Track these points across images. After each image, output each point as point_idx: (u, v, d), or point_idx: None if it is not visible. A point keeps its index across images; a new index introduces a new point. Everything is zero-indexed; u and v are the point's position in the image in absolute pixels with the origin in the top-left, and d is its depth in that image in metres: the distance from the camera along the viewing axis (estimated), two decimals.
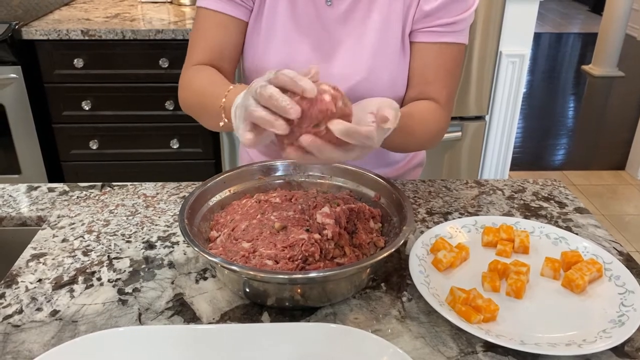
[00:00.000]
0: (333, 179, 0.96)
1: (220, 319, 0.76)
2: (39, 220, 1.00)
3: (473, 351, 0.71)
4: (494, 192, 1.09)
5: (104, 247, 0.91)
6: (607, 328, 0.73)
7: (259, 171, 0.96)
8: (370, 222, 0.88)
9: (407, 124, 0.89)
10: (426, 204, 1.04)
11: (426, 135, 1.00)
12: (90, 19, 2.26)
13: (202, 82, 0.96)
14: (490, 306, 0.75)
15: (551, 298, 0.80)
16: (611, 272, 0.83)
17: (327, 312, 0.77)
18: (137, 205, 1.03)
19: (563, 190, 1.11)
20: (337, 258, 0.81)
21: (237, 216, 0.87)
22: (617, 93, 4.93)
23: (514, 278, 0.80)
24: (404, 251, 0.90)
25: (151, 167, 2.39)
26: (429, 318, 0.76)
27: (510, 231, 0.91)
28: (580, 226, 0.99)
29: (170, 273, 0.85)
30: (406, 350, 0.69)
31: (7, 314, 0.76)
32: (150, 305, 0.78)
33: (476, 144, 2.34)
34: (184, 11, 2.41)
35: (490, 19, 2.12)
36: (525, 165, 3.53)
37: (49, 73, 2.20)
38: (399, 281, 0.84)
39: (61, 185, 1.09)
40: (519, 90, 2.30)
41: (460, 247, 0.87)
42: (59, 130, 2.31)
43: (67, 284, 0.82)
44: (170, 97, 2.24)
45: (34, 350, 0.71)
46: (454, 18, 0.97)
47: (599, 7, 6.31)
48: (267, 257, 0.77)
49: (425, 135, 1.00)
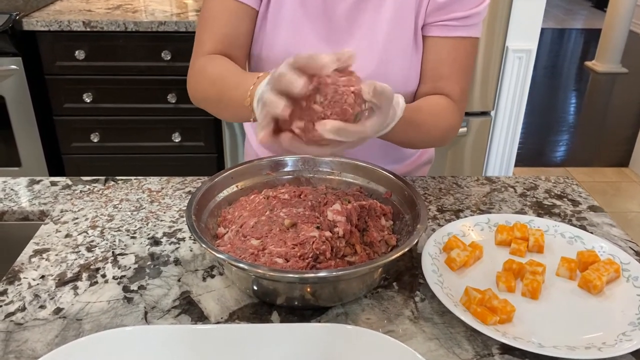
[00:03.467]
0: (343, 175, 0.94)
1: (228, 318, 0.74)
2: (41, 215, 0.97)
3: (489, 353, 0.69)
4: (506, 190, 1.07)
5: (109, 242, 0.89)
6: (627, 331, 0.71)
7: (267, 166, 0.94)
8: (382, 219, 0.86)
9: (414, 117, 0.87)
10: (437, 201, 1.02)
11: (436, 130, 0.97)
12: (91, 10, 2.23)
13: (219, 71, 0.91)
14: (506, 307, 0.73)
15: (568, 299, 0.78)
16: (629, 273, 0.81)
17: (338, 312, 0.75)
18: (142, 200, 1.01)
19: (576, 187, 1.09)
20: (348, 256, 0.79)
21: (246, 212, 0.85)
22: (620, 89, 4.91)
23: (530, 278, 0.78)
24: (416, 249, 0.87)
25: (153, 160, 2.37)
26: (443, 319, 0.74)
27: (525, 230, 0.89)
28: (595, 225, 0.96)
29: (177, 270, 0.83)
30: (420, 352, 0.67)
31: (10, 312, 0.74)
32: (156, 304, 0.76)
33: (481, 139, 2.32)
34: (186, 3, 2.38)
35: (497, 13, 2.09)
36: (528, 161, 3.51)
37: (50, 65, 2.17)
38: (412, 280, 0.82)
39: (64, 179, 1.07)
40: (525, 86, 2.28)
41: (473, 245, 0.85)
42: (60, 122, 2.28)
43: (71, 281, 0.80)
44: (172, 90, 2.21)
45: (37, 349, 0.68)
46: (468, 12, 0.95)
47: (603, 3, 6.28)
48: (277, 255, 0.75)
49: (435, 131, 0.97)
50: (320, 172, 0.95)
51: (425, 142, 1.03)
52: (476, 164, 2.38)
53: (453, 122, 0.99)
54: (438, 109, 0.97)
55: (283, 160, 0.95)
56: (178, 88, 2.20)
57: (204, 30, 0.98)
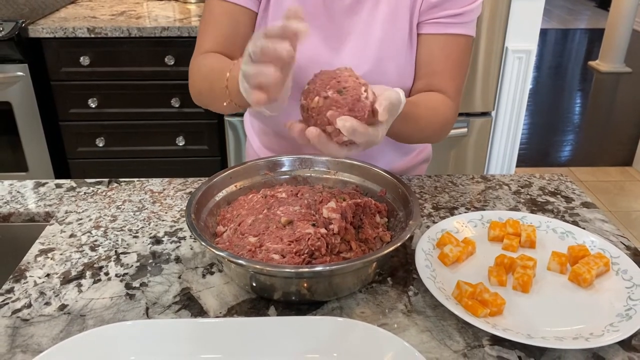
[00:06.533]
0: (339, 174, 0.96)
1: (227, 313, 0.77)
2: (46, 216, 1.00)
3: (479, 345, 0.71)
4: (500, 187, 1.09)
5: (111, 242, 0.92)
6: (615, 322, 0.73)
7: (265, 166, 0.96)
8: (376, 216, 0.88)
9: (412, 111, 0.89)
10: (432, 198, 1.04)
11: (432, 125, 0.99)
12: (96, 16, 2.27)
13: (210, 64, 0.95)
14: (496, 300, 0.75)
15: (558, 292, 0.80)
16: (618, 266, 0.83)
17: (334, 306, 0.78)
18: (144, 200, 1.03)
19: (570, 185, 1.10)
20: (343, 253, 0.81)
21: (244, 211, 0.87)
22: (624, 89, 4.91)
23: (521, 272, 0.80)
24: (410, 246, 0.90)
25: (157, 164, 2.40)
26: (435, 312, 0.76)
27: (517, 226, 0.91)
28: (587, 220, 0.98)
29: (177, 268, 0.85)
30: (413, 343, 0.69)
31: (16, 308, 0.77)
32: (157, 300, 0.79)
33: (482, 140, 2.33)
34: (189, 8, 2.41)
35: (496, 14, 2.11)
36: (531, 161, 3.52)
37: (55, 71, 2.21)
38: (405, 275, 0.84)
39: (68, 182, 1.10)
40: (525, 86, 2.29)
41: (466, 241, 0.87)
42: (65, 127, 2.32)
43: (75, 279, 0.83)
44: (176, 94, 2.25)
45: (42, 343, 0.71)
46: (461, 9, 0.97)
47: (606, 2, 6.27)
48: (273, 252, 0.77)
49: (432, 125, 0.99)
50: (316, 172, 0.97)
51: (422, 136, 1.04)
52: (478, 164, 2.40)
53: (449, 117, 1.01)
54: (435, 104, 0.99)
55: (280, 161, 0.97)
56: (181, 92, 2.23)
57: (204, 32, 1.01)
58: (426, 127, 0.98)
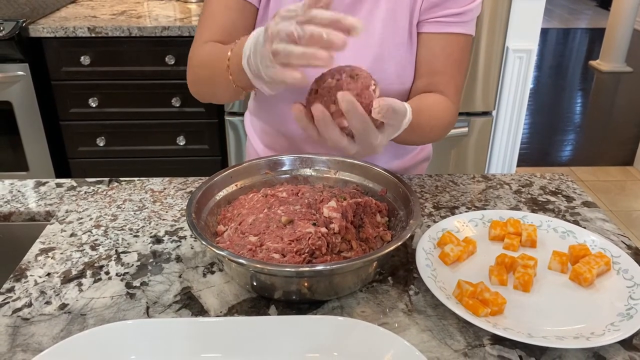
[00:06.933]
0: (339, 173, 0.96)
1: (227, 312, 0.76)
2: (47, 215, 1.00)
3: (480, 344, 0.71)
4: (501, 187, 1.09)
5: (112, 241, 0.92)
6: (616, 321, 0.73)
7: (266, 166, 0.96)
8: (377, 216, 0.88)
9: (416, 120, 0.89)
10: (433, 198, 1.04)
11: (435, 129, 0.99)
12: (96, 16, 2.27)
13: (208, 52, 0.94)
14: (497, 299, 0.75)
15: (559, 291, 0.80)
16: (619, 266, 0.83)
17: (334, 306, 0.78)
18: (145, 200, 1.03)
19: (571, 184, 1.10)
20: (343, 252, 0.81)
21: (244, 210, 0.87)
22: (625, 88, 4.90)
23: (522, 272, 0.80)
24: (411, 245, 0.89)
25: (158, 164, 2.40)
26: (436, 311, 0.76)
27: (518, 225, 0.90)
28: (588, 220, 0.98)
29: (178, 267, 0.85)
30: (413, 343, 0.69)
31: (17, 307, 0.77)
32: (158, 299, 0.79)
33: (483, 139, 2.33)
34: (189, 8, 2.41)
35: (497, 14, 2.11)
36: (532, 161, 3.52)
37: (56, 70, 2.21)
38: (406, 275, 0.84)
39: (69, 181, 1.10)
40: (526, 86, 2.29)
41: (467, 240, 0.87)
42: (66, 127, 2.32)
43: (76, 278, 0.83)
44: (176, 93, 2.25)
45: (43, 342, 0.71)
46: (461, 9, 0.97)
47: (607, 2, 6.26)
48: (274, 251, 0.77)
49: (435, 130, 0.99)
50: (317, 171, 0.97)
51: (423, 141, 1.07)
52: (479, 164, 2.40)
53: (450, 120, 1.01)
54: (437, 109, 0.99)
55: (281, 160, 0.97)
56: (182, 92, 2.23)
57: (203, 24, 1.00)
58: (430, 132, 0.98)
